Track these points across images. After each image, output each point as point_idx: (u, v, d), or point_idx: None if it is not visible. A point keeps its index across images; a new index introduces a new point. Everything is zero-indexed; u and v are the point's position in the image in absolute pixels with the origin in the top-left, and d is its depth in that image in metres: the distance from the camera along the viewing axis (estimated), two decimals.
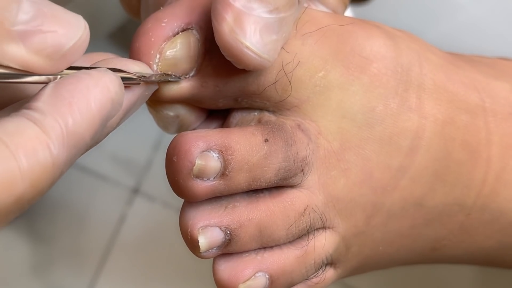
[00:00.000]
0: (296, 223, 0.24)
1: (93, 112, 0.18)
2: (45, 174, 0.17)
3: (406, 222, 0.26)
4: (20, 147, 0.16)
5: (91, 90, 0.18)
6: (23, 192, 0.17)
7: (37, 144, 0.17)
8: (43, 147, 0.17)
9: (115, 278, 0.57)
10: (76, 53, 0.18)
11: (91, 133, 0.18)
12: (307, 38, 0.24)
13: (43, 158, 0.17)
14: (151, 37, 0.23)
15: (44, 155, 0.17)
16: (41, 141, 0.17)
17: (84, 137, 0.18)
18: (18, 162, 0.16)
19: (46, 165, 0.17)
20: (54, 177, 0.17)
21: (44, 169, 0.17)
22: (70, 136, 0.17)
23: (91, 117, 0.18)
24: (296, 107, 0.24)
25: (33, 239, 0.58)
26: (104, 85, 0.18)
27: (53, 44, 0.18)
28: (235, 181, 0.23)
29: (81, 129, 0.18)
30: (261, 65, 0.22)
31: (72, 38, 0.18)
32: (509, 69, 0.30)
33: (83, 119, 0.18)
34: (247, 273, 0.24)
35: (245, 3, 0.21)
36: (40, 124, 0.17)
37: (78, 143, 0.18)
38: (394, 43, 0.25)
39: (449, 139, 0.26)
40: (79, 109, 0.18)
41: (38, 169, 0.17)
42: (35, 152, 0.17)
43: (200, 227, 0.23)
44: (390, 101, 0.25)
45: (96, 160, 0.59)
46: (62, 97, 0.18)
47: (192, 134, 0.23)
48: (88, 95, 0.18)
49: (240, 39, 0.21)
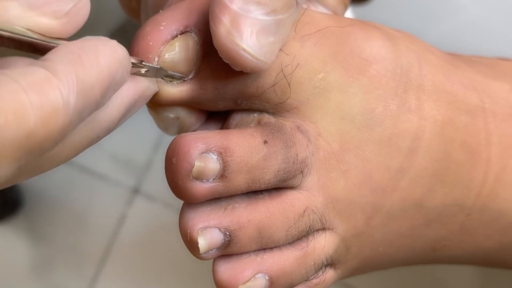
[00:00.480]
0: (295, 224, 0.24)
1: (102, 66, 0.18)
2: (56, 115, 0.17)
3: (406, 222, 0.26)
4: (31, 85, 0.16)
5: (100, 48, 0.19)
6: (35, 128, 0.16)
7: (48, 84, 0.17)
8: (53, 87, 0.17)
9: (115, 278, 0.57)
10: (79, 14, 0.19)
11: (101, 88, 0.18)
12: (306, 40, 0.24)
13: (53, 97, 0.17)
14: (150, 41, 0.23)
15: (55, 95, 0.17)
16: (51, 82, 0.17)
17: (93, 89, 0.18)
18: (29, 96, 0.16)
19: (57, 105, 0.17)
20: (65, 124, 0.17)
21: (55, 109, 0.17)
22: (80, 84, 0.17)
23: (100, 70, 0.18)
24: (295, 108, 0.24)
25: (33, 239, 0.58)
26: (113, 46, 0.19)
27: (57, 4, 0.19)
28: (235, 182, 0.23)
29: (91, 80, 0.18)
30: (258, 67, 0.22)
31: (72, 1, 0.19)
32: (509, 70, 0.30)
33: (92, 70, 0.18)
34: (247, 274, 0.24)
35: (242, 5, 0.21)
36: (51, 69, 0.17)
37: (88, 94, 0.18)
38: (394, 44, 0.25)
39: (449, 140, 0.26)
40: (89, 61, 0.18)
41: (49, 107, 0.17)
42: (46, 90, 0.17)
43: (199, 229, 0.23)
44: (389, 103, 0.25)
45: (96, 160, 0.59)
46: (72, 52, 0.18)
47: (191, 135, 0.23)
48: (97, 51, 0.18)
49: (237, 41, 0.21)
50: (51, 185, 0.59)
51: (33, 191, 0.59)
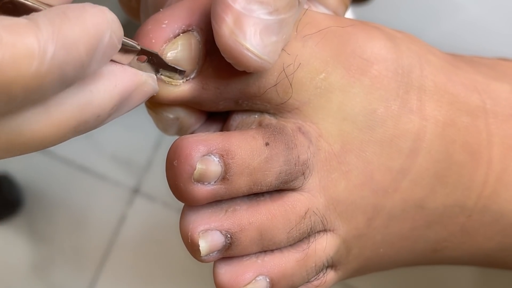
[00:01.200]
0: (297, 226, 0.24)
1: (87, 23, 0.18)
2: (28, 58, 0.16)
3: (407, 224, 0.26)
4: (6, 26, 0.16)
5: (87, 7, 0.18)
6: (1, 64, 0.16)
7: (25, 28, 0.16)
8: (29, 32, 0.16)
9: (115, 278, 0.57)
10: None
11: (86, 45, 0.18)
12: (308, 40, 0.24)
13: (28, 41, 0.16)
14: (152, 39, 0.22)
15: (30, 39, 0.16)
16: (29, 27, 0.16)
17: (77, 46, 0.17)
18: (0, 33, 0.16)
19: (31, 48, 0.16)
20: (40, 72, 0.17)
21: (29, 52, 0.16)
22: (61, 37, 0.17)
23: (85, 27, 0.17)
24: (297, 109, 0.24)
25: (33, 239, 0.58)
26: (101, 8, 0.18)
27: None
28: (236, 185, 0.23)
29: (74, 34, 0.17)
30: (262, 67, 0.22)
31: None
32: (510, 70, 0.30)
33: (76, 25, 0.17)
34: (248, 276, 0.24)
35: (245, 5, 0.21)
36: (33, 20, 0.17)
37: (71, 49, 0.17)
38: (395, 45, 0.25)
39: (450, 141, 0.26)
40: (74, 16, 0.17)
41: (22, 49, 0.16)
42: (21, 33, 0.16)
43: (200, 231, 0.23)
44: (391, 103, 0.25)
45: (96, 160, 0.59)
46: (58, 10, 0.17)
47: (193, 138, 0.23)
48: (83, 9, 0.18)
49: (240, 41, 0.21)
50: (51, 185, 0.59)
51: (33, 191, 0.59)
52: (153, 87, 0.23)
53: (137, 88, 0.22)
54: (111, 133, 0.59)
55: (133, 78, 0.21)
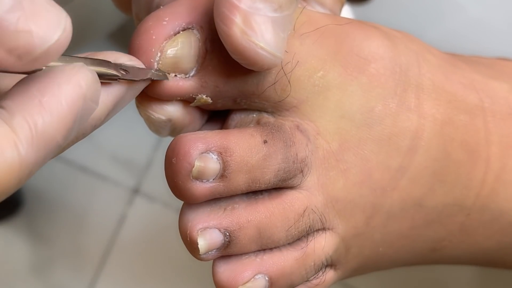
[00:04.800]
0: (295, 224, 0.24)
1: (64, 111, 0.17)
2: (11, 173, 0.16)
3: (405, 223, 0.26)
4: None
5: (62, 87, 0.17)
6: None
7: (5, 143, 0.16)
8: (11, 146, 0.16)
9: (115, 278, 0.57)
10: (49, 55, 0.17)
11: (63, 133, 0.18)
12: (305, 38, 0.24)
13: (10, 157, 0.16)
14: (153, 35, 0.22)
15: (12, 155, 0.16)
16: (9, 140, 0.16)
17: (55, 137, 0.17)
18: None
19: (13, 164, 0.16)
20: (22, 178, 0.17)
21: (11, 168, 0.16)
22: (39, 136, 0.17)
23: (62, 116, 0.17)
24: (295, 107, 0.24)
25: (33, 239, 0.58)
26: (76, 82, 0.18)
27: (25, 46, 0.16)
28: (234, 182, 0.23)
29: (52, 129, 0.17)
30: (274, 64, 0.22)
31: (47, 41, 0.16)
32: (508, 69, 0.30)
33: (53, 118, 0.17)
34: (247, 275, 0.24)
35: (250, 4, 0.20)
36: (9, 123, 0.16)
37: (49, 144, 0.17)
38: (392, 43, 0.25)
39: (448, 139, 0.26)
40: (50, 108, 0.17)
41: (4, 168, 0.16)
42: (2, 151, 0.16)
43: (199, 229, 0.23)
44: (389, 101, 0.25)
45: (96, 160, 0.59)
46: (32, 96, 0.17)
47: (191, 135, 0.23)
48: (59, 93, 0.17)
49: (254, 40, 0.21)
50: (51, 185, 0.59)
51: (33, 191, 0.59)
52: (142, 85, 0.23)
53: (129, 88, 0.22)
54: (111, 133, 0.59)
55: (122, 86, 0.21)
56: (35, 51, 0.16)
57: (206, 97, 0.24)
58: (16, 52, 0.16)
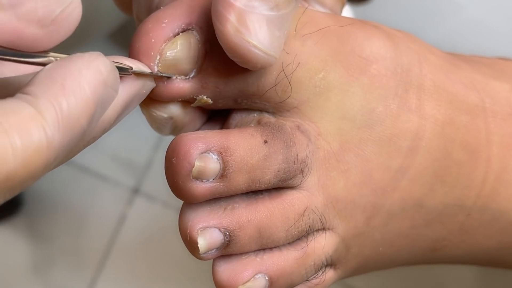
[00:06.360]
0: (295, 224, 0.24)
1: (87, 94, 0.18)
2: (39, 155, 0.16)
3: (406, 222, 0.26)
4: (14, 125, 0.16)
5: (83, 72, 0.18)
6: (14, 171, 0.16)
7: (32, 124, 0.16)
8: (38, 127, 0.16)
9: (115, 278, 0.57)
10: (67, 20, 0.18)
11: (87, 117, 0.18)
12: (307, 39, 0.24)
13: (37, 138, 0.16)
14: (152, 38, 0.22)
15: (39, 135, 0.16)
16: (36, 121, 0.16)
17: (79, 120, 0.17)
18: (10, 138, 0.16)
19: (41, 145, 0.16)
20: (49, 161, 0.17)
21: (38, 149, 0.16)
22: (65, 119, 0.17)
23: (85, 100, 0.18)
24: (295, 108, 0.24)
25: (33, 239, 0.58)
26: (96, 68, 0.18)
27: (43, 9, 0.17)
28: (234, 182, 0.23)
29: (76, 112, 0.17)
30: (268, 63, 0.22)
31: (63, 3, 0.18)
32: (509, 69, 0.30)
33: (77, 101, 0.17)
34: (247, 274, 0.24)
35: (246, 2, 0.21)
36: (35, 106, 0.17)
37: (74, 127, 0.17)
38: (394, 44, 0.25)
39: (449, 139, 0.26)
40: (73, 91, 0.17)
41: (32, 149, 0.16)
42: (29, 131, 0.16)
43: (199, 229, 0.23)
44: (390, 102, 0.25)
45: (96, 160, 0.59)
46: (55, 80, 0.17)
47: (191, 135, 0.23)
48: (80, 77, 0.18)
49: (247, 38, 0.21)
50: (51, 185, 0.59)
51: (33, 191, 0.59)
52: (151, 85, 0.23)
53: (137, 93, 0.22)
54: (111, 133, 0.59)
55: (133, 86, 0.22)
56: (53, 14, 0.18)
57: (206, 98, 0.24)
58: (36, 18, 0.17)
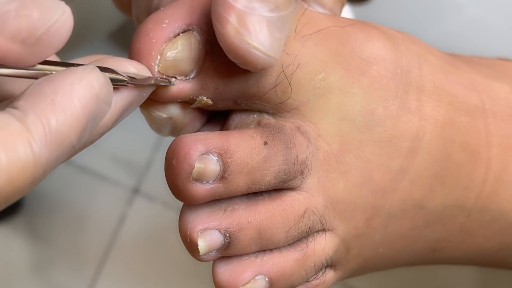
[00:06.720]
0: (295, 225, 0.24)
1: (77, 110, 0.17)
2: (24, 171, 0.16)
3: (406, 223, 0.26)
4: (0, 142, 0.16)
5: (75, 87, 0.17)
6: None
7: (18, 140, 0.16)
8: (24, 143, 0.16)
9: (115, 278, 0.57)
10: (55, 36, 0.17)
11: (77, 132, 0.18)
12: (307, 40, 0.24)
13: (23, 154, 0.16)
14: (152, 38, 0.22)
15: (25, 151, 0.16)
16: (22, 137, 0.16)
17: (69, 136, 0.17)
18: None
19: (27, 162, 0.16)
20: (36, 177, 0.17)
21: (24, 166, 0.16)
22: (53, 135, 0.17)
23: (76, 115, 0.17)
24: (295, 109, 0.24)
25: (33, 239, 0.58)
26: (89, 82, 0.18)
27: (27, 28, 0.17)
28: (235, 184, 0.23)
29: (65, 128, 0.17)
30: (269, 64, 0.22)
31: (47, 21, 0.17)
32: (509, 70, 0.30)
33: (66, 117, 0.17)
34: (247, 276, 0.24)
35: (246, 4, 0.20)
36: (23, 121, 0.16)
37: (63, 143, 0.17)
38: (394, 45, 0.25)
39: (449, 140, 0.26)
40: (63, 106, 0.17)
41: (18, 165, 0.16)
42: (15, 147, 0.16)
43: (199, 230, 0.23)
44: (390, 103, 0.25)
45: (96, 160, 0.59)
46: (45, 95, 0.17)
47: (191, 137, 0.23)
48: (71, 92, 0.17)
49: (247, 39, 0.21)
50: (51, 185, 0.59)
51: (33, 191, 0.59)
52: (150, 89, 0.23)
53: (137, 96, 0.22)
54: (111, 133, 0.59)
55: (131, 91, 0.21)
56: (37, 31, 0.17)
57: (206, 99, 0.24)
58: (19, 37, 0.17)
